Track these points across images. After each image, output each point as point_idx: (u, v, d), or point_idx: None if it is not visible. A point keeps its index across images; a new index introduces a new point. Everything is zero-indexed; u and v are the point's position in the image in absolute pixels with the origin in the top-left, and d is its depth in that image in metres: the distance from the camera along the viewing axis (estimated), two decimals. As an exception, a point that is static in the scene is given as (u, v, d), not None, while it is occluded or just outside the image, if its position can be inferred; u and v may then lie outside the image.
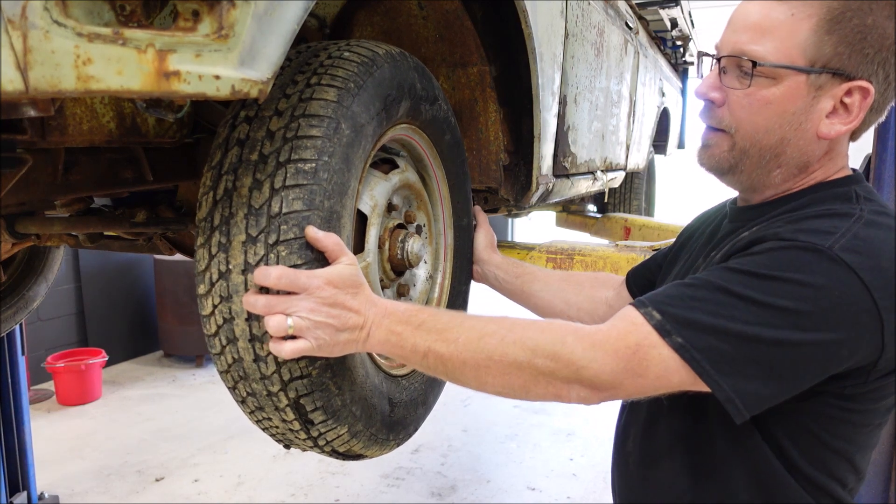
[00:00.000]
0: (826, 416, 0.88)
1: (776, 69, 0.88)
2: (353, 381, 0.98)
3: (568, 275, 1.41)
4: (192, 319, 5.09)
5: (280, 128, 0.90)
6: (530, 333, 0.84)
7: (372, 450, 1.08)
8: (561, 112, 1.91)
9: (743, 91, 0.91)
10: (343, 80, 0.94)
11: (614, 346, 0.81)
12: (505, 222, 9.95)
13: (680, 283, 0.86)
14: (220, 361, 0.95)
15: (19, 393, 2.91)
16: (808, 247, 0.80)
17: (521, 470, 3.67)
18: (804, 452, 0.89)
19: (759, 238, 0.86)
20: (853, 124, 0.89)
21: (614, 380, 0.82)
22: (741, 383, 0.79)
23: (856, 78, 0.87)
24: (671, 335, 0.80)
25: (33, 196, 1.11)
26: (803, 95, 0.89)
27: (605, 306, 1.32)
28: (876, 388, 0.87)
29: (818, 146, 0.92)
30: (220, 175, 0.90)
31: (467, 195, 1.44)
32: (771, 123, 0.91)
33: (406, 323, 0.89)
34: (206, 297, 0.91)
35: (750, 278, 0.80)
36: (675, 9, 4.31)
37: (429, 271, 1.34)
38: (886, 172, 1.71)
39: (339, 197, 0.92)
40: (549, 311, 1.36)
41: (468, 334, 0.86)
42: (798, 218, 0.88)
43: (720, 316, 0.79)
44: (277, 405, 0.94)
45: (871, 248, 0.81)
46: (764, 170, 0.94)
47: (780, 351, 0.79)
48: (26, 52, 0.54)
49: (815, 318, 0.78)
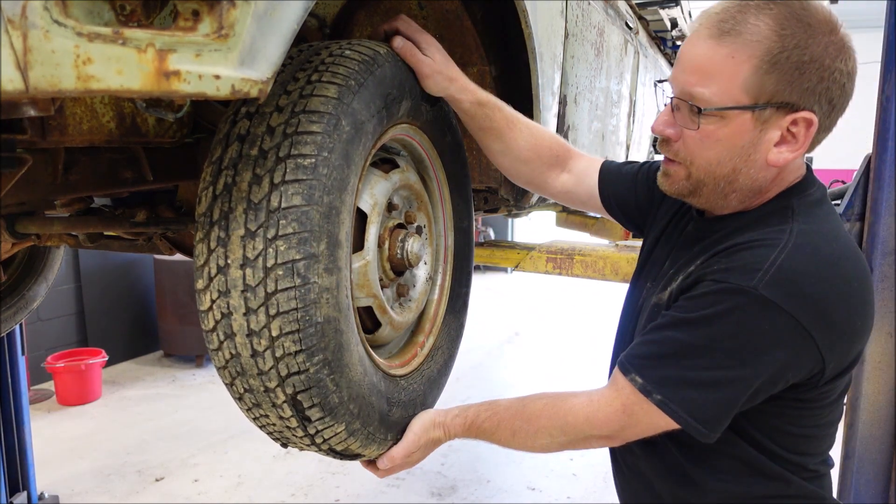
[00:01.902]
0: (788, 414, 1.00)
1: (722, 111, 0.94)
2: (350, 379, 0.97)
3: (533, 147, 1.33)
4: (191, 319, 5.09)
5: (280, 123, 0.90)
6: (544, 423, 1.06)
7: (369, 449, 1.08)
8: (561, 112, 1.91)
9: (694, 131, 0.97)
10: (344, 77, 0.94)
11: (606, 413, 1.01)
12: (505, 222, 9.96)
13: (649, 342, 1.00)
14: (218, 357, 0.94)
15: (19, 393, 2.91)
16: (736, 289, 0.91)
17: (521, 470, 3.67)
18: (774, 441, 1.02)
19: (700, 277, 0.97)
20: (800, 151, 0.96)
21: (615, 434, 1.03)
22: (708, 416, 0.95)
23: (799, 109, 0.92)
24: (652, 394, 0.96)
25: (33, 196, 1.11)
26: (750, 130, 0.94)
27: (558, 189, 1.37)
28: (827, 390, 0.99)
29: (768, 172, 0.98)
30: (220, 170, 0.90)
31: (468, 197, 1.44)
32: (722, 157, 0.97)
33: (467, 433, 1.15)
34: (205, 293, 0.91)
35: (693, 326, 0.94)
36: (675, 9, 4.31)
37: (429, 273, 1.34)
38: (886, 172, 1.71)
39: (339, 193, 0.92)
40: (503, 168, 1.39)
41: (505, 435, 1.10)
42: (733, 251, 0.96)
43: (683, 367, 0.95)
44: (275, 401, 0.94)
45: (793, 277, 0.90)
46: (720, 194, 1.01)
47: (737, 385, 0.93)
48: (26, 51, 0.54)
49: (752, 352, 0.91)
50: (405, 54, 1.14)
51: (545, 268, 2.64)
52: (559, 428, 1.05)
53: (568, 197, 1.39)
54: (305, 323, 0.88)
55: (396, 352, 1.30)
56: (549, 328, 6.85)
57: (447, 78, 1.20)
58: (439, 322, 1.38)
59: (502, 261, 2.81)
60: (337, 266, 0.92)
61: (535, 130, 1.35)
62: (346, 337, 0.96)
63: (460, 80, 1.24)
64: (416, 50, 1.16)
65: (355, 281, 1.08)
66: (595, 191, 1.34)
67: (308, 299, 0.88)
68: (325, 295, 0.90)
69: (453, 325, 1.42)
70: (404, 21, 1.19)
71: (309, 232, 0.87)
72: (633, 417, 0.99)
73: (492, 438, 1.12)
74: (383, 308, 1.15)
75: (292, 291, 0.87)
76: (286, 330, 0.88)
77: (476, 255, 1.67)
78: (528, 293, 8.50)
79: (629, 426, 1.00)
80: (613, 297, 8.07)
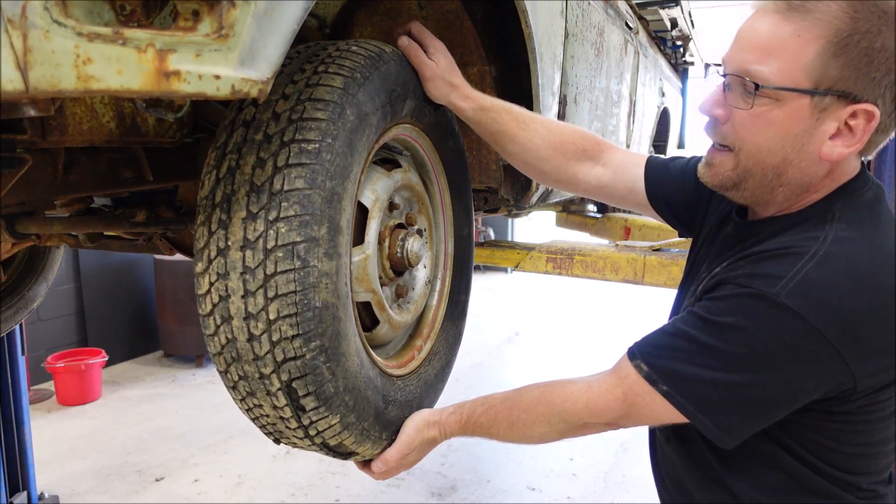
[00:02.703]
0: (826, 427, 0.93)
1: (780, 91, 0.88)
2: (346, 369, 0.97)
3: (553, 144, 1.27)
4: (192, 319, 5.09)
5: (286, 110, 0.91)
6: (542, 410, 1.03)
7: (364, 446, 1.06)
8: (561, 112, 1.91)
9: (746, 111, 0.91)
10: (350, 69, 0.96)
11: (606, 400, 0.98)
12: (505, 222, 9.95)
13: (664, 332, 0.97)
14: (214, 343, 0.93)
15: (19, 393, 2.91)
16: (758, 294, 0.87)
17: (521, 470, 3.67)
18: (817, 456, 0.95)
19: (724, 279, 0.93)
20: (856, 147, 0.89)
21: (614, 421, 1.00)
22: (720, 419, 0.91)
23: (861, 101, 0.86)
24: (658, 384, 0.93)
25: (33, 196, 1.11)
26: (806, 117, 0.88)
27: (593, 184, 1.29)
28: (868, 404, 0.91)
29: (820, 167, 0.92)
30: (224, 154, 0.91)
31: (469, 205, 1.44)
32: (773, 144, 0.91)
33: (463, 429, 1.12)
34: (203, 275, 0.90)
35: (711, 326, 0.90)
36: (675, 9, 4.31)
37: (428, 276, 1.34)
38: (886, 172, 1.71)
39: (341, 179, 0.92)
40: (525, 169, 1.34)
41: (503, 427, 1.07)
42: (762, 257, 0.91)
43: (695, 364, 0.91)
44: (269, 389, 0.93)
45: (819, 287, 0.85)
46: (767, 188, 0.95)
47: (747, 391, 0.89)
48: (26, 51, 0.54)
49: (768, 361, 0.87)
50: (410, 55, 1.14)
51: (545, 268, 2.64)
52: (557, 415, 1.02)
53: (604, 192, 1.31)
54: (303, 306, 0.88)
55: (394, 353, 1.30)
56: (549, 328, 6.84)
57: (449, 84, 1.19)
58: (437, 327, 1.38)
59: (502, 261, 2.81)
60: (337, 252, 0.92)
61: (554, 126, 1.30)
62: (343, 325, 0.95)
63: (463, 87, 1.22)
64: (420, 52, 1.15)
65: (355, 274, 1.08)
66: (635, 185, 1.27)
67: (307, 282, 0.88)
68: (324, 279, 0.90)
69: (451, 331, 1.42)
70: (417, 26, 1.19)
71: (310, 215, 0.87)
72: (633, 407, 0.96)
73: (489, 433, 1.09)
74: (382, 305, 1.15)
75: (291, 274, 0.87)
76: (284, 313, 0.87)
77: (476, 255, 1.68)
78: (528, 293, 8.50)
79: (629, 415, 0.97)
80: (614, 297, 8.08)
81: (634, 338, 1.01)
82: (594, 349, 5.82)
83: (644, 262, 2.44)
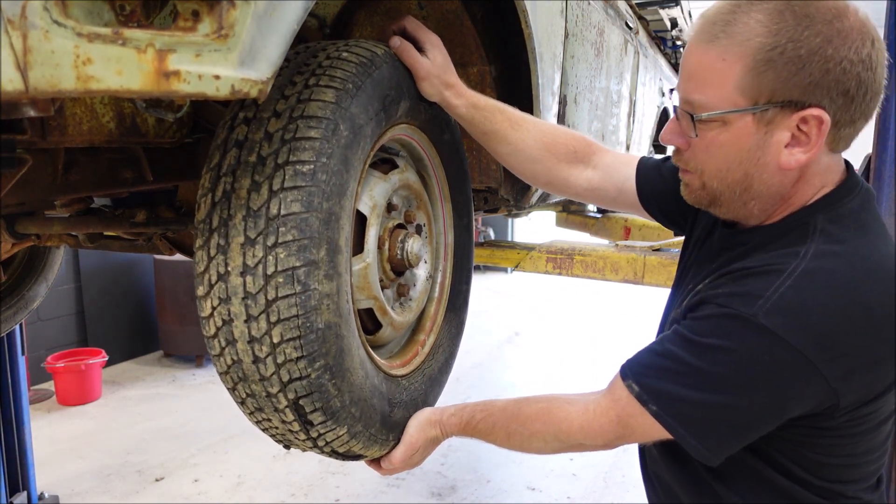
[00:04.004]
0: (811, 442, 0.95)
1: (723, 114, 0.89)
2: (352, 383, 0.98)
3: (545, 146, 1.28)
4: (191, 319, 5.08)
5: (278, 129, 0.89)
6: (539, 428, 1.05)
7: (372, 450, 1.08)
8: (561, 112, 1.91)
9: (695, 138, 0.94)
10: (341, 80, 0.94)
11: (600, 423, 1.00)
12: (505, 222, 9.95)
13: (653, 351, 0.99)
14: (220, 363, 0.94)
15: (19, 393, 2.91)
16: (736, 315, 0.88)
17: (521, 470, 3.67)
18: (806, 468, 0.96)
19: (706, 298, 0.94)
20: (815, 150, 0.89)
21: (610, 443, 1.02)
22: (706, 438, 0.92)
23: (806, 106, 0.86)
24: (648, 404, 0.94)
25: (33, 196, 1.11)
26: (753, 133, 0.89)
27: (583, 186, 1.30)
28: (853, 419, 0.91)
29: (786, 176, 0.92)
30: (218, 177, 0.90)
31: (467, 194, 1.44)
32: (731, 163, 0.93)
33: (462, 432, 1.14)
34: (206, 299, 0.91)
35: (695, 347, 0.92)
36: (675, 9, 4.32)
37: (429, 271, 1.34)
38: (886, 172, 1.71)
39: (338, 198, 0.92)
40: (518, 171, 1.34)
41: (500, 436, 1.09)
42: (741, 275, 0.92)
43: (680, 384, 0.92)
44: (277, 406, 0.94)
45: (796, 306, 0.85)
46: (740, 203, 0.97)
47: (730, 411, 0.91)
48: (26, 52, 0.54)
49: (750, 381, 0.88)
50: (402, 54, 1.13)
51: (545, 268, 2.64)
52: (553, 434, 1.04)
53: (595, 195, 1.32)
54: (306, 329, 0.88)
55: (397, 351, 1.30)
56: (549, 328, 6.84)
57: (443, 83, 1.19)
58: (440, 320, 1.38)
59: (502, 261, 2.81)
60: (337, 272, 0.92)
61: (546, 128, 1.31)
62: (347, 341, 0.96)
63: (457, 86, 1.22)
64: (413, 51, 1.14)
65: (355, 283, 1.08)
66: (625, 186, 1.27)
67: (309, 306, 0.88)
68: (325, 301, 0.90)
69: (454, 322, 1.42)
70: (411, 21, 1.18)
71: (308, 239, 0.87)
72: (627, 428, 0.98)
73: (487, 439, 1.11)
74: (384, 309, 1.15)
75: (293, 298, 0.87)
76: (287, 336, 0.88)
77: (476, 255, 1.68)
78: (528, 293, 8.49)
79: (624, 436, 1.00)
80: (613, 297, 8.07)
81: (634, 339, 1.01)
82: (594, 349, 5.81)
83: (644, 262, 2.44)
